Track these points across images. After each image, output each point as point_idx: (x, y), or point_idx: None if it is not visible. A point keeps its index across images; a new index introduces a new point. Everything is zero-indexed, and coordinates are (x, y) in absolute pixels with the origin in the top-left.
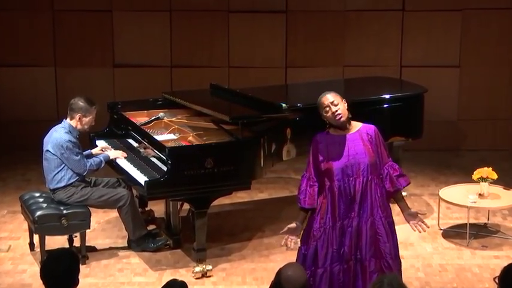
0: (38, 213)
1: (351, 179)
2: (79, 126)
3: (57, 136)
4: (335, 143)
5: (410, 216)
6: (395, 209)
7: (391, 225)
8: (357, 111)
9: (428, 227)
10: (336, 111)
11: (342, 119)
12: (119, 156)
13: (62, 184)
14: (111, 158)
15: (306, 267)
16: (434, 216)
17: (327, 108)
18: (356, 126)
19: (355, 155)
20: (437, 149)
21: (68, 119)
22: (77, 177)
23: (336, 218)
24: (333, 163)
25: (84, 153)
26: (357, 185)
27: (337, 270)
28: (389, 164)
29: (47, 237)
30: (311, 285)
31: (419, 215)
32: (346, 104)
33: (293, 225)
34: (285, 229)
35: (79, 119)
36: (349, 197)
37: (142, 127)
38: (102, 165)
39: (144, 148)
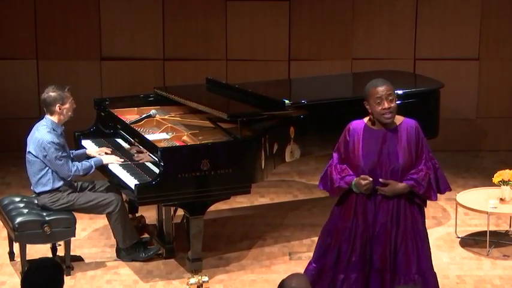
0: (19, 219)
1: (380, 181)
2: (62, 118)
3: (39, 136)
4: (370, 137)
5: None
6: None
7: (423, 238)
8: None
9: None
10: (389, 108)
11: (389, 120)
12: (114, 163)
13: (47, 188)
14: (104, 163)
15: (327, 267)
16: (451, 223)
17: (379, 101)
18: (397, 120)
19: (389, 155)
20: (455, 149)
21: (48, 115)
22: (63, 182)
23: (359, 219)
24: (361, 160)
25: (76, 152)
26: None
27: (354, 278)
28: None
29: (28, 246)
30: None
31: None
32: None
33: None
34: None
35: (59, 109)
36: (375, 200)
37: (132, 126)
38: (92, 170)
39: (137, 151)
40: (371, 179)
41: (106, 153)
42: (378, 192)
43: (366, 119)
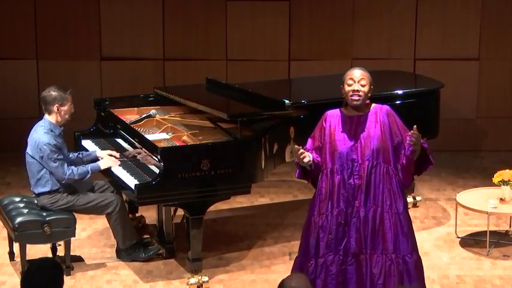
0: (19, 219)
1: (356, 164)
2: (59, 119)
3: (36, 137)
4: (345, 123)
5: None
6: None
7: (402, 220)
8: None
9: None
10: (358, 90)
11: (356, 103)
12: (112, 166)
13: (47, 189)
14: (102, 169)
15: (310, 257)
16: (451, 223)
17: (350, 82)
18: (370, 106)
19: (363, 138)
20: (455, 149)
21: (46, 115)
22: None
23: (334, 204)
24: (337, 145)
25: (86, 153)
26: (362, 171)
27: (330, 260)
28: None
29: (28, 246)
30: (312, 277)
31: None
32: (371, 90)
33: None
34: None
35: (57, 110)
36: (352, 183)
37: (132, 126)
38: (88, 176)
39: (140, 154)
40: (302, 150)
41: (110, 155)
42: (408, 142)
43: (342, 108)
